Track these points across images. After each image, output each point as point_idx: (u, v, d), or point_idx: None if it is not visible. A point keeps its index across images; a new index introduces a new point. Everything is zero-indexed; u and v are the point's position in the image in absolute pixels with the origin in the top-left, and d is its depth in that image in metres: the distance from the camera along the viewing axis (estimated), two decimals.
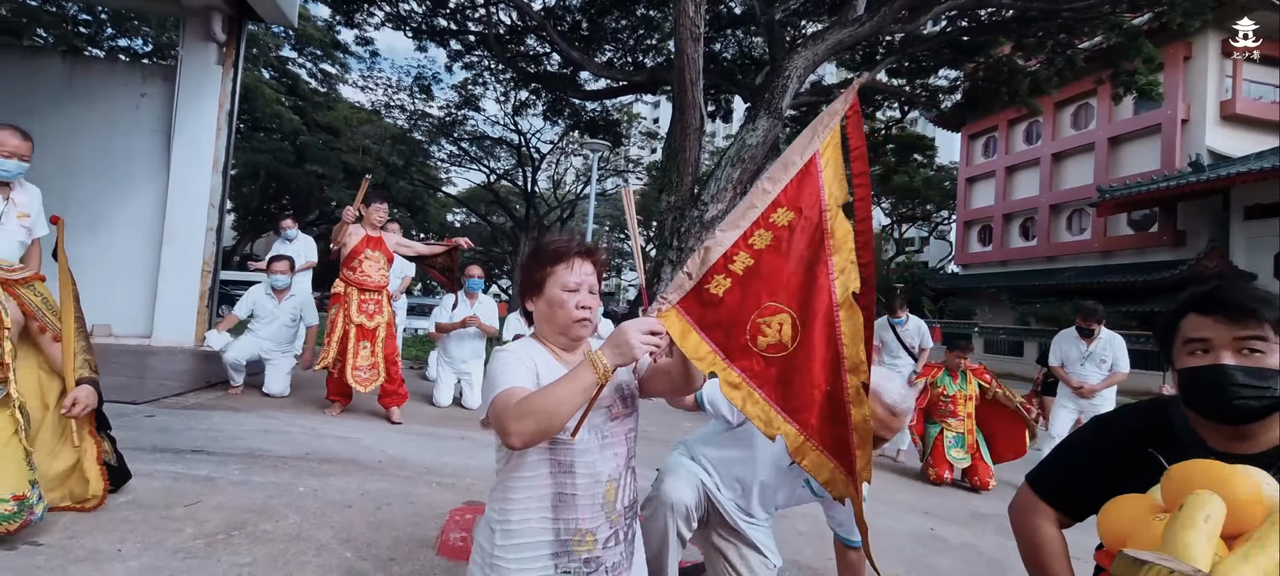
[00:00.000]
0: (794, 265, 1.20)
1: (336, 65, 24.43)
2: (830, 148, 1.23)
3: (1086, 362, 4.66)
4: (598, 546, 1.27)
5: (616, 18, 16.67)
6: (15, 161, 2.40)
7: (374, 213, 4.16)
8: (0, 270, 1.85)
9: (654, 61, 18.25)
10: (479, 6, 16.78)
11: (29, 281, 1.89)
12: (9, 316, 1.73)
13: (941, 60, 16.31)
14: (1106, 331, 4.73)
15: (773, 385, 1.19)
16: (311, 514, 2.36)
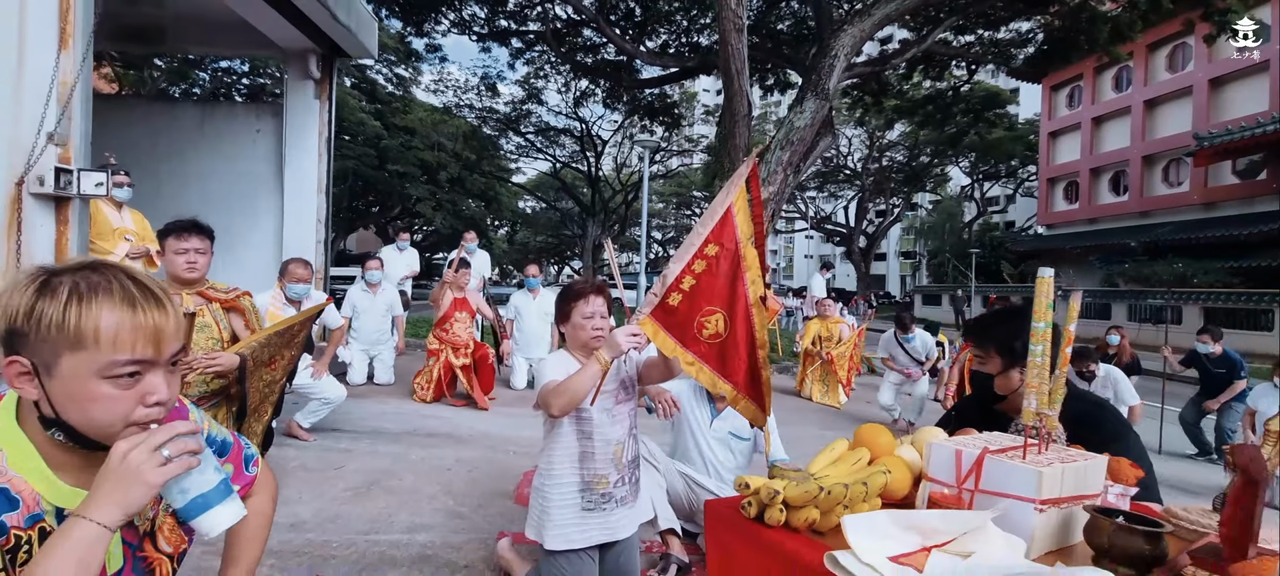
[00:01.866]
0: (722, 281, 1.79)
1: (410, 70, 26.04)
2: (740, 198, 1.80)
3: None
4: (610, 486, 1.92)
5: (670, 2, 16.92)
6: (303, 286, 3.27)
7: (462, 277, 5.07)
8: (219, 291, 2.65)
9: (709, 40, 18.42)
10: (536, 4, 17.56)
11: (242, 296, 2.70)
12: (226, 331, 2.53)
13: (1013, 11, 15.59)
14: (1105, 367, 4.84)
15: (715, 360, 1.79)
16: (423, 474, 3.16)
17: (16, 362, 0.80)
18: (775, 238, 66.75)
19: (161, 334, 0.84)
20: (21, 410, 0.86)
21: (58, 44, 4.00)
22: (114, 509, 0.79)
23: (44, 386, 0.80)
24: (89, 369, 0.80)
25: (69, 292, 0.80)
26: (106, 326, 0.80)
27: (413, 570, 2.18)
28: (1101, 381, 4.80)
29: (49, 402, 0.81)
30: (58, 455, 0.86)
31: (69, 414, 0.81)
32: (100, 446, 0.85)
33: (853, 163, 33.17)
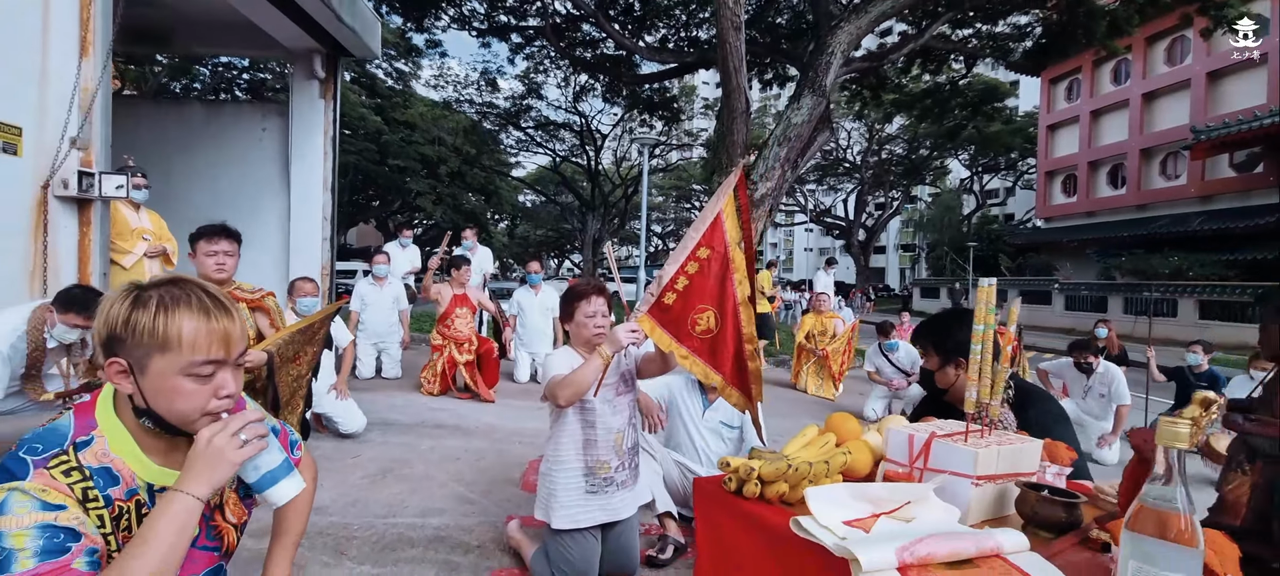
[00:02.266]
0: (712, 281, 1.95)
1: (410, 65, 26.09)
2: (728, 204, 1.96)
3: (1087, 396, 4.82)
4: (612, 471, 2.09)
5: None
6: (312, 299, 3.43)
7: (463, 274, 5.23)
8: (245, 291, 2.83)
9: (708, 35, 18.45)
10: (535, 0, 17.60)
11: (267, 297, 2.87)
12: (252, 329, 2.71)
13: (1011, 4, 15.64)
14: (1104, 363, 4.86)
15: (707, 354, 1.96)
16: (433, 463, 3.34)
17: (116, 363, 0.97)
18: (775, 231, 66.79)
19: (230, 337, 1.02)
20: (118, 402, 1.04)
21: (79, 51, 4.15)
22: (204, 484, 0.97)
23: (138, 382, 0.98)
24: (173, 367, 0.97)
25: (157, 305, 0.98)
26: (187, 332, 0.97)
27: (428, 550, 2.36)
28: (1100, 377, 4.89)
29: (141, 396, 0.99)
30: (147, 440, 1.04)
31: (157, 405, 0.99)
32: (181, 432, 1.03)
33: (852, 156, 33.26)
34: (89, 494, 0.96)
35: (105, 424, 1.02)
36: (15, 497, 0.89)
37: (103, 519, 0.97)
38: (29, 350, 2.63)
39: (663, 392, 2.90)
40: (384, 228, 30.03)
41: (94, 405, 1.03)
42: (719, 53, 10.43)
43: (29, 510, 0.89)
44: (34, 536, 0.88)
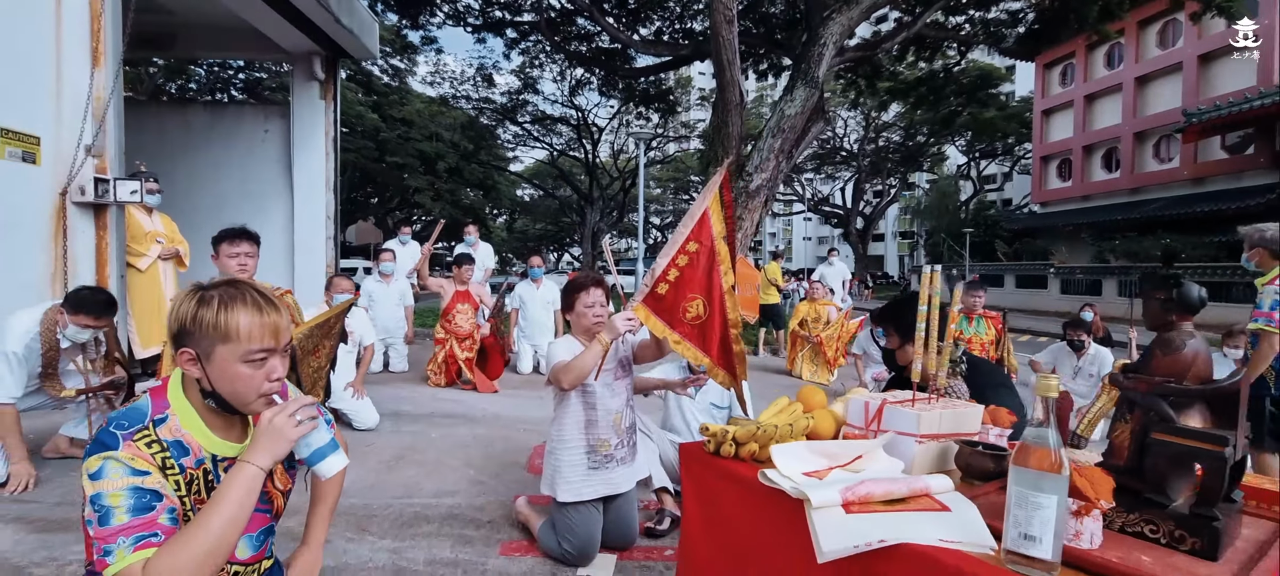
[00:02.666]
0: (701, 272, 2.13)
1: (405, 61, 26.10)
2: (714, 202, 2.14)
3: (1077, 376, 4.97)
4: (612, 448, 2.28)
5: None
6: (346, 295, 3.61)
7: (464, 272, 5.40)
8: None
9: (702, 26, 18.49)
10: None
11: (285, 294, 3.06)
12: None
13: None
14: (1095, 346, 4.98)
15: (696, 338, 2.13)
16: (444, 449, 3.53)
17: (186, 352, 1.16)
18: (773, 220, 66.86)
19: (279, 329, 1.21)
20: (185, 385, 1.22)
21: (91, 62, 4.30)
22: (267, 456, 1.15)
23: (204, 369, 1.16)
24: (233, 355, 1.16)
25: (219, 303, 1.16)
26: (244, 325, 1.16)
27: (444, 525, 2.55)
28: (1090, 358, 5.04)
29: (207, 380, 1.17)
30: (210, 417, 1.22)
31: (220, 387, 1.17)
32: (238, 411, 1.21)
33: (849, 144, 33.33)
34: (166, 462, 1.15)
35: (176, 404, 1.20)
36: (110, 464, 1.08)
37: (178, 483, 1.16)
38: (43, 350, 2.78)
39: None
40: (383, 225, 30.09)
41: (166, 388, 1.22)
42: (712, 46, 10.55)
43: (121, 475, 1.08)
44: (126, 496, 1.07)
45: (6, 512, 2.43)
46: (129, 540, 1.04)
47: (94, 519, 1.04)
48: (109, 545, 1.03)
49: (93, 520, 1.04)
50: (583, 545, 2.24)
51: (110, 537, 1.03)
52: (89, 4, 4.29)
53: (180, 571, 1.04)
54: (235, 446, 1.24)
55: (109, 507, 1.05)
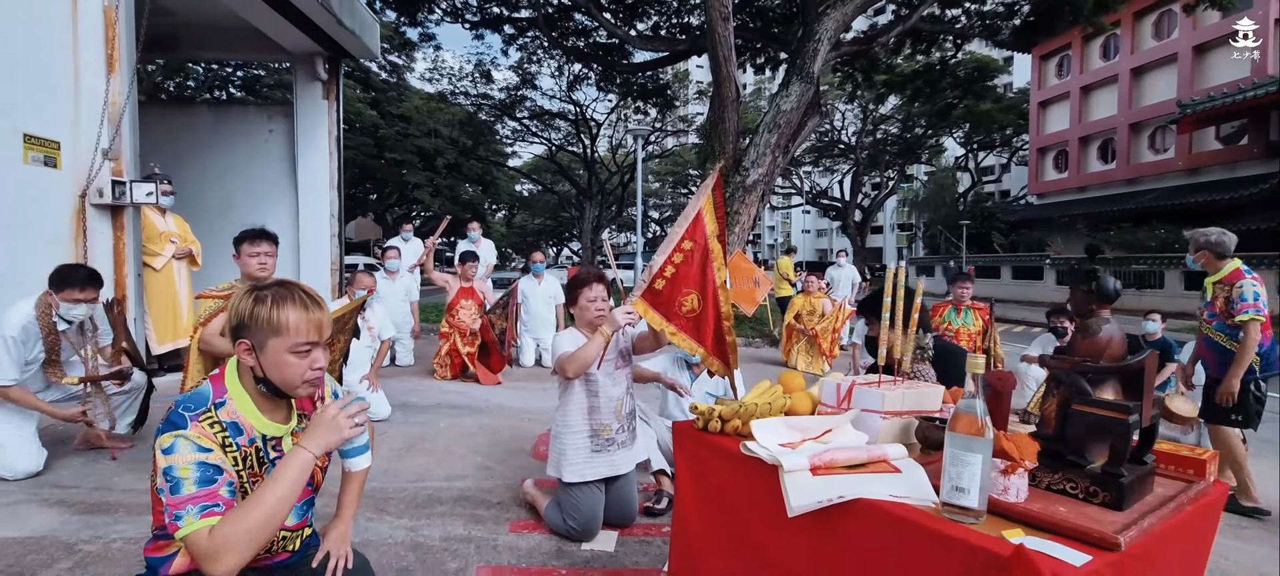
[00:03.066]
0: (695, 269, 2.29)
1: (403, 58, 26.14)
2: (707, 203, 2.30)
3: None
4: (613, 433, 2.45)
5: None
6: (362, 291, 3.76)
7: (469, 269, 5.58)
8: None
9: (699, 21, 18.55)
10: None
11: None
12: None
13: None
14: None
15: (691, 330, 2.30)
16: (452, 438, 3.71)
17: (243, 343, 1.33)
18: (772, 213, 66.91)
19: (322, 325, 1.38)
20: (240, 373, 1.39)
21: (106, 68, 4.45)
22: (320, 445, 1.33)
23: (258, 358, 1.34)
24: (283, 347, 1.33)
25: (272, 301, 1.34)
26: (293, 320, 1.33)
27: (455, 507, 2.72)
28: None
29: (260, 367, 1.34)
30: (260, 401, 1.40)
31: (271, 374, 1.35)
32: (285, 395, 1.39)
33: (847, 137, 33.42)
34: (226, 441, 1.32)
35: (233, 390, 1.37)
36: (180, 442, 1.25)
37: (236, 459, 1.33)
38: (43, 335, 2.89)
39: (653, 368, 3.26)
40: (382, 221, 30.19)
41: (223, 376, 1.39)
42: (708, 42, 10.68)
43: (189, 451, 1.25)
44: (193, 469, 1.24)
45: (50, 497, 2.61)
46: (196, 508, 1.22)
47: (166, 488, 1.22)
48: (180, 511, 1.21)
49: (165, 489, 1.22)
50: (587, 521, 2.41)
51: (181, 505, 1.21)
52: (103, 12, 4.44)
53: (241, 537, 1.21)
54: (281, 427, 1.42)
55: (179, 478, 1.23)
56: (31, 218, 3.99)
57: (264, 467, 1.38)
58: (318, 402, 1.55)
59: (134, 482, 2.80)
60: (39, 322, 2.85)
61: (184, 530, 1.21)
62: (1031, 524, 1.03)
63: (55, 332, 2.92)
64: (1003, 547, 0.92)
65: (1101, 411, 1.12)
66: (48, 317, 2.88)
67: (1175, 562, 1.11)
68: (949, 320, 5.49)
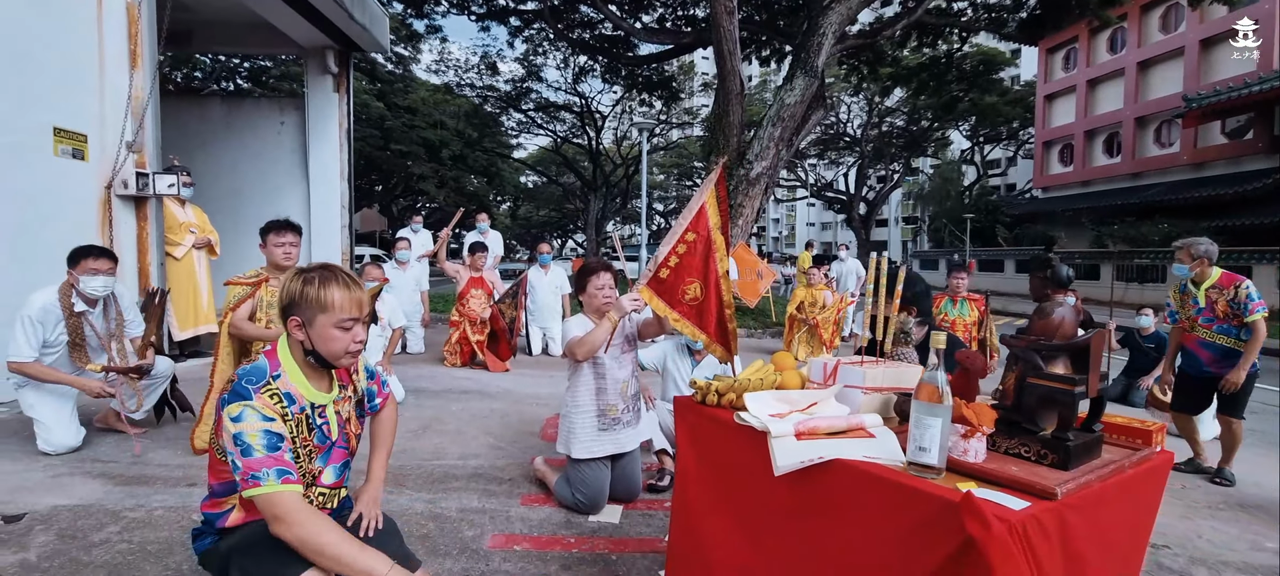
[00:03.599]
0: (698, 259, 2.44)
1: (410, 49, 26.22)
2: (711, 197, 2.44)
3: None
4: (619, 412, 2.61)
5: None
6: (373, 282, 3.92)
7: (480, 258, 5.73)
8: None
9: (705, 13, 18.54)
10: None
11: None
12: None
13: None
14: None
15: (694, 317, 2.45)
16: (464, 421, 3.87)
17: (294, 320, 1.49)
18: (777, 206, 66.80)
19: (362, 302, 1.54)
20: (290, 348, 1.55)
21: (129, 64, 4.61)
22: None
23: (307, 332, 1.50)
24: (329, 322, 1.49)
25: (319, 281, 1.50)
26: (337, 299, 1.49)
27: (470, 482, 2.89)
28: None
29: (309, 341, 1.50)
30: (308, 372, 1.56)
31: (319, 347, 1.51)
32: (329, 366, 1.55)
33: (853, 129, 33.38)
34: (283, 411, 1.48)
35: (286, 364, 1.54)
36: (248, 411, 1.41)
37: (291, 427, 1.50)
38: (66, 319, 3.02)
39: (658, 358, 3.41)
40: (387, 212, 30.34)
41: (276, 351, 1.55)
42: (713, 36, 10.78)
43: (256, 420, 1.41)
44: (261, 437, 1.40)
45: (92, 470, 2.78)
46: (274, 471, 1.38)
47: (237, 452, 1.38)
48: (257, 472, 1.37)
49: (236, 453, 1.38)
50: (593, 495, 2.58)
51: (257, 467, 1.37)
52: (127, 10, 4.60)
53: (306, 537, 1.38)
54: (325, 396, 1.58)
55: (250, 444, 1.39)
56: (62, 208, 4.16)
57: (313, 433, 1.54)
58: (354, 375, 1.72)
59: (167, 458, 2.98)
60: (60, 305, 3.00)
61: (264, 488, 1.37)
62: (986, 479, 1.18)
63: (76, 316, 3.05)
64: (955, 496, 1.07)
65: (1051, 384, 1.27)
66: (68, 300, 3.03)
67: (1113, 517, 1.26)
68: (945, 311, 5.62)
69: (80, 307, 3.05)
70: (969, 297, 5.62)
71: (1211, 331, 3.57)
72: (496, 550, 2.26)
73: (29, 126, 3.95)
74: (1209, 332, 3.57)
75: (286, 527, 1.37)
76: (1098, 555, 1.23)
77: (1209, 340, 3.57)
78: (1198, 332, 3.61)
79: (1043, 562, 1.06)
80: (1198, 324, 3.61)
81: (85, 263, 3.03)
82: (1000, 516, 1.02)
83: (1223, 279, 3.52)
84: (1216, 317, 3.55)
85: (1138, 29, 22.89)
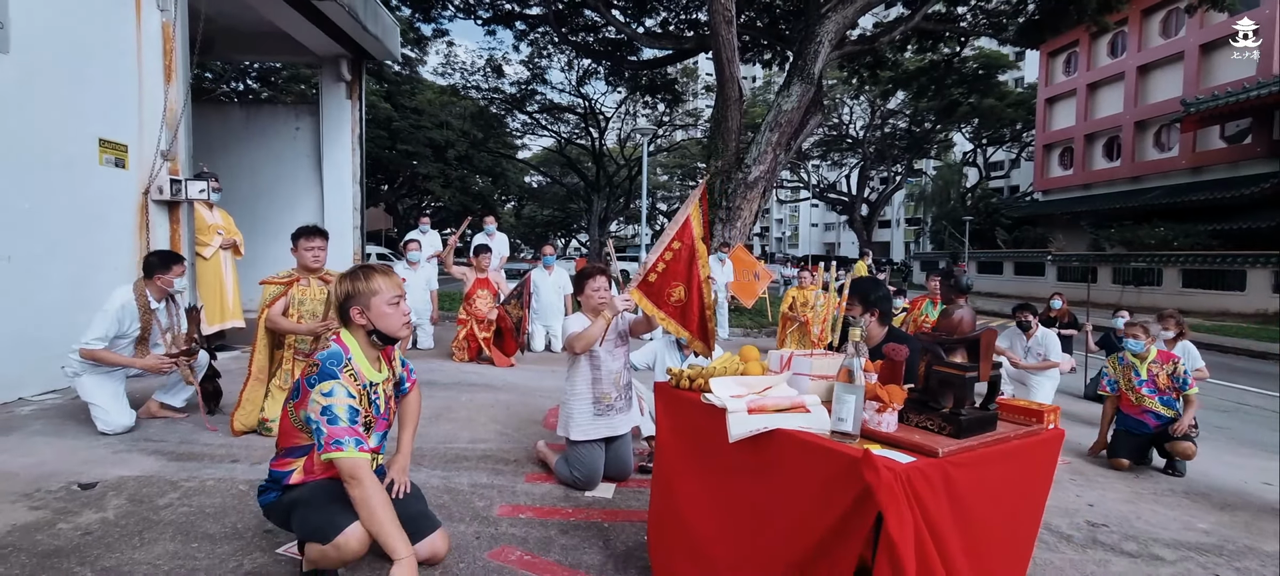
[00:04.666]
0: (682, 265, 2.76)
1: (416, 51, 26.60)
2: (696, 210, 2.77)
3: (1027, 355, 5.67)
4: (612, 400, 2.94)
5: None
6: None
7: (485, 259, 6.07)
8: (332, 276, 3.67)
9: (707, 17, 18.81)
10: None
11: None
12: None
13: None
14: (1042, 329, 5.69)
15: (678, 317, 2.77)
16: (473, 410, 4.22)
17: (356, 308, 1.85)
18: (780, 207, 66.96)
19: (400, 283, 1.92)
20: (353, 333, 1.90)
21: (164, 78, 4.97)
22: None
23: (368, 316, 1.85)
24: (382, 303, 1.86)
25: (362, 276, 1.86)
26: (381, 284, 1.86)
27: (480, 463, 3.23)
28: (1037, 340, 5.70)
29: (371, 323, 1.86)
30: (369, 352, 1.91)
31: (380, 326, 1.87)
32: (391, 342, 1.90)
33: (855, 131, 33.62)
34: (359, 388, 1.83)
35: (353, 350, 1.89)
36: (338, 387, 1.76)
37: (362, 402, 1.84)
38: (140, 315, 3.40)
39: (650, 358, 3.75)
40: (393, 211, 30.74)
41: (343, 340, 1.89)
42: (712, 45, 11.10)
43: (344, 395, 1.76)
44: (345, 410, 1.75)
45: (147, 448, 3.14)
46: (352, 440, 1.73)
47: (323, 420, 1.73)
48: (340, 439, 1.72)
49: (322, 421, 1.72)
50: (589, 473, 2.91)
51: (340, 434, 1.72)
52: (162, 28, 4.96)
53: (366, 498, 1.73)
54: (378, 376, 1.94)
55: (337, 415, 1.74)
56: (107, 213, 4.52)
57: (373, 406, 1.89)
58: (392, 361, 2.07)
59: (211, 440, 3.32)
60: (137, 304, 3.37)
61: (346, 454, 1.72)
62: (891, 444, 1.51)
63: (149, 312, 3.43)
64: (859, 454, 1.39)
65: (950, 370, 1.59)
66: (144, 299, 3.40)
67: (998, 476, 1.59)
68: (926, 312, 5.95)
69: (154, 305, 3.42)
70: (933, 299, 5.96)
71: (1155, 402, 4.05)
72: (504, 517, 2.59)
73: (79, 139, 4.31)
74: (1153, 403, 4.05)
75: (358, 487, 1.72)
76: (984, 507, 1.56)
77: (1153, 409, 4.05)
78: (1143, 402, 4.08)
79: (927, 505, 1.38)
80: (1142, 394, 4.09)
81: (174, 268, 3.44)
82: (889, 468, 1.35)
83: (1161, 355, 4.08)
84: (1158, 390, 4.05)
85: (1138, 33, 23.08)
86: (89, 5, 4.43)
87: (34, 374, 3.99)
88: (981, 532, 1.56)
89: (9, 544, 2.13)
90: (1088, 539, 2.88)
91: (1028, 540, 1.82)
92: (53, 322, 4.01)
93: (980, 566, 1.58)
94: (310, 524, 1.77)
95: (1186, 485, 3.83)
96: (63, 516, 2.35)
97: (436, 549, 2.05)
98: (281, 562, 2.09)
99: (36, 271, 4.02)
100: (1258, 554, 2.88)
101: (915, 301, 6.34)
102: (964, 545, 1.50)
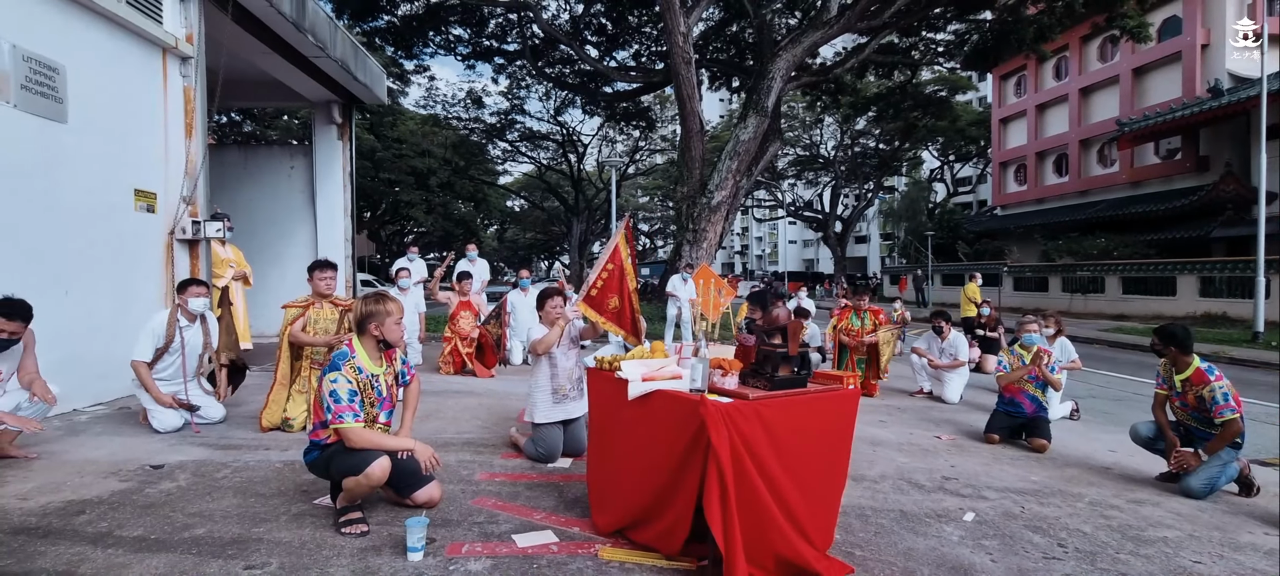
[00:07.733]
0: (616, 281, 3.63)
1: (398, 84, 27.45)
2: (622, 239, 3.65)
3: (941, 355, 6.67)
4: (567, 391, 3.78)
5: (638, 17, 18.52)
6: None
7: (466, 284, 6.88)
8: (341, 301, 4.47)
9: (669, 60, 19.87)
10: (514, 26, 19.16)
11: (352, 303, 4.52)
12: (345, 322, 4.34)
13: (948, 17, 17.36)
14: (954, 333, 6.67)
15: (615, 319, 3.63)
16: (457, 411, 5.01)
17: (372, 325, 2.70)
18: (759, 226, 68.41)
19: (402, 308, 2.76)
20: (362, 339, 2.74)
21: (185, 134, 5.77)
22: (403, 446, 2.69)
23: (381, 330, 2.70)
24: (391, 320, 2.72)
25: (376, 301, 2.71)
26: (391, 308, 2.72)
27: (463, 448, 4.02)
28: (950, 342, 6.65)
29: (382, 335, 2.70)
30: (373, 352, 2.75)
31: (386, 336, 2.74)
32: (390, 347, 2.74)
33: (826, 151, 35.04)
34: (359, 378, 2.66)
35: (357, 349, 2.71)
36: (340, 377, 2.60)
37: (360, 387, 2.67)
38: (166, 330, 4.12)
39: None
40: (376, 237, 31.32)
41: (351, 342, 2.72)
42: (674, 84, 12.13)
43: (344, 383, 2.60)
44: (345, 393, 2.58)
45: (195, 441, 3.89)
46: (350, 415, 2.55)
47: (331, 400, 2.54)
48: (343, 414, 2.54)
49: (330, 400, 2.54)
50: (550, 449, 3.73)
51: (343, 410, 2.54)
52: (184, 91, 5.77)
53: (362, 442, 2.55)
54: (378, 369, 2.76)
55: (340, 395, 2.56)
56: (141, 250, 5.28)
57: (374, 391, 2.71)
58: (394, 360, 2.89)
59: (245, 435, 4.09)
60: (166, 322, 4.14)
61: (346, 425, 2.53)
62: (726, 395, 2.36)
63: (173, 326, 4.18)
64: (698, 399, 2.24)
65: (769, 347, 2.46)
66: (174, 319, 4.17)
67: (801, 415, 2.44)
68: (851, 322, 6.83)
69: (182, 323, 4.19)
70: (870, 310, 6.85)
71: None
72: (484, 480, 3.40)
73: (119, 189, 5.08)
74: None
75: (349, 441, 2.54)
76: (792, 436, 2.41)
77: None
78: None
79: (742, 429, 2.24)
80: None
81: (190, 289, 4.20)
82: (716, 407, 2.20)
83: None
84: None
85: (1078, 57, 24.70)
86: (126, 76, 5.22)
87: (83, 388, 4.71)
88: (793, 452, 2.41)
89: (115, 501, 2.89)
90: (935, 486, 3.75)
91: (841, 463, 2.67)
92: (98, 345, 4.75)
93: (799, 477, 2.43)
94: (347, 464, 2.58)
95: (1048, 457, 4.64)
96: (146, 485, 3.11)
97: (432, 495, 2.85)
98: (318, 509, 2.88)
99: (86, 302, 4.76)
100: (1066, 495, 3.75)
101: (841, 312, 7.17)
102: (780, 460, 2.35)
